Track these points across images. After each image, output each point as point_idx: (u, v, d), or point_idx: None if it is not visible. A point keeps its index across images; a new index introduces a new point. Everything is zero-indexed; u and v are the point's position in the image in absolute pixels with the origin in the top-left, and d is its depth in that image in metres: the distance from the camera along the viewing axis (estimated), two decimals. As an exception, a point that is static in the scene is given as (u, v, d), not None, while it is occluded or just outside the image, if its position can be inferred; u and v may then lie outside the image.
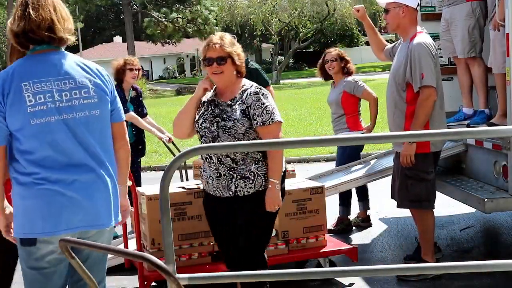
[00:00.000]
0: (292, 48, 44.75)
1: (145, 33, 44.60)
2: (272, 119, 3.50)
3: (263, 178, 3.53)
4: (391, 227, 6.30)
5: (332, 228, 6.05)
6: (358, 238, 5.99)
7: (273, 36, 40.77)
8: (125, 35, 43.17)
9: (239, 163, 3.50)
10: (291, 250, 4.69)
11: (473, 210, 6.01)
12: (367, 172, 5.73)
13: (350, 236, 6.04)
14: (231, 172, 3.52)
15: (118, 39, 57.41)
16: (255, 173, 3.52)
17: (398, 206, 4.87)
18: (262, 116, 3.49)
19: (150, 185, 4.93)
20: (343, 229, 6.14)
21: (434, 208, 4.77)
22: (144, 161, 11.87)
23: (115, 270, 5.14)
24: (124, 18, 43.09)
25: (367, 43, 4.99)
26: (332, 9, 38.65)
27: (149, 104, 27.17)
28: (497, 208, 4.57)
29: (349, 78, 6.08)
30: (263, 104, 3.51)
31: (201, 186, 4.53)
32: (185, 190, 4.45)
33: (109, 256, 5.07)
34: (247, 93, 3.56)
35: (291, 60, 49.66)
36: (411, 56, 4.48)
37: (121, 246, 4.86)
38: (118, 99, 2.87)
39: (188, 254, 4.45)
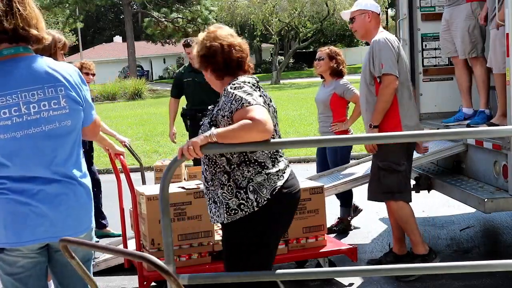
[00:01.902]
0: (292, 48, 44.74)
1: (145, 33, 44.62)
2: (242, 103, 2.80)
3: (224, 209, 2.94)
4: (391, 227, 6.29)
5: (332, 228, 6.05)
6: (358, 238, 5.99)
7: (273, 36, 40.76)
8: (125, 35, 43.19)
9: (209, 183, 3.02)
10: (291, 250, 4.69)
11: (473, 210, 6.01)
12: (366, 172, 5.73)
13: (350, 236, 6.04)
14: (206, 192, 3.07)
15: (118, 39, 57.48)
16: (220, 199, 2.97)
17: (369, 198, 4.93)
18: (231, 107, 2.85)
19: (150, 185, 4.92)
20: (343, 229, 6.14)
21: (410, 201, 4.82)
22: (144, 161, 11.86)
23: (115, 270, 5.15)
24: (124, 18, 43.08)
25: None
26: (332, 9, 38.62)
27: (149, 104, 27.36)
28: (497, 208, 4.57)
29: (341, 81, 6.01)
30: (232, 96, 2.87)
31: (201, 187, 4.53)
32: (185, 190, 4.45)
33: (109, 256, 5.08)
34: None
35: (291, 60, 49.66)
36: (372, 51, 4.69)
37: (121, 246, 4.86)
38: (90, 101, 2.74)
39: (187, 254, 4.44)
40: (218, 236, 4.54)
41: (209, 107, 3.19)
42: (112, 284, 4.99)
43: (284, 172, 3.02)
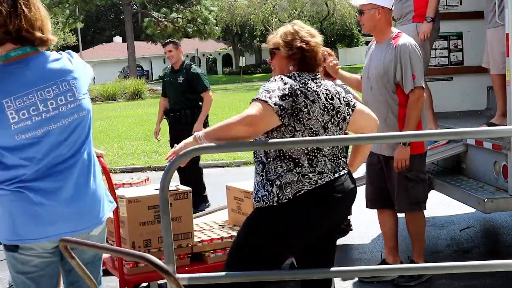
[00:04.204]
0: (292, 48, 44.71)
1: (145, 33, 44.65)
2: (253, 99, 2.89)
3: (254, 195, 3.00)
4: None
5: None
6: (358, 238, 5.99)
7: (273, 36, 40.79)
8: (125, 35, 43.23)
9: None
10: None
11: (473, 210, 6.01)
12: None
13: (350, 236, 6.04)
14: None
15: (118, 39, 57.55)
16: (254, 185, 3.04)
17: (398, 211, 4.72)
18: None
19: (129, 188, 4.98)
20: (343, 229, 6.13)
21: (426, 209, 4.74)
22: (144, 161, 11.89)
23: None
24: (124, 18, 43.12)
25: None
26: (332, 9, 38.69)
27: (149, 104, 27.32)
28: (497, 208, 4.57)
29: (336, 81, 5.93)
30: None
31: (180, 188, 4.45)
32: (164, 192, 4.38)
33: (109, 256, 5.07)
34: None
35: (291, 60, 49.61)
36: (401, 57, 4.40)
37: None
38: (88, 71, 2.75)
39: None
40: (196, 238, 4.50)
41: None
42: (112, 284, 4.99)
43: (322, 177, 2.91)
